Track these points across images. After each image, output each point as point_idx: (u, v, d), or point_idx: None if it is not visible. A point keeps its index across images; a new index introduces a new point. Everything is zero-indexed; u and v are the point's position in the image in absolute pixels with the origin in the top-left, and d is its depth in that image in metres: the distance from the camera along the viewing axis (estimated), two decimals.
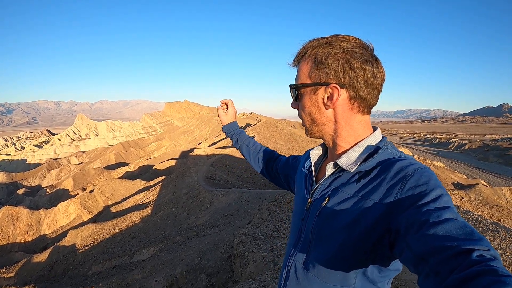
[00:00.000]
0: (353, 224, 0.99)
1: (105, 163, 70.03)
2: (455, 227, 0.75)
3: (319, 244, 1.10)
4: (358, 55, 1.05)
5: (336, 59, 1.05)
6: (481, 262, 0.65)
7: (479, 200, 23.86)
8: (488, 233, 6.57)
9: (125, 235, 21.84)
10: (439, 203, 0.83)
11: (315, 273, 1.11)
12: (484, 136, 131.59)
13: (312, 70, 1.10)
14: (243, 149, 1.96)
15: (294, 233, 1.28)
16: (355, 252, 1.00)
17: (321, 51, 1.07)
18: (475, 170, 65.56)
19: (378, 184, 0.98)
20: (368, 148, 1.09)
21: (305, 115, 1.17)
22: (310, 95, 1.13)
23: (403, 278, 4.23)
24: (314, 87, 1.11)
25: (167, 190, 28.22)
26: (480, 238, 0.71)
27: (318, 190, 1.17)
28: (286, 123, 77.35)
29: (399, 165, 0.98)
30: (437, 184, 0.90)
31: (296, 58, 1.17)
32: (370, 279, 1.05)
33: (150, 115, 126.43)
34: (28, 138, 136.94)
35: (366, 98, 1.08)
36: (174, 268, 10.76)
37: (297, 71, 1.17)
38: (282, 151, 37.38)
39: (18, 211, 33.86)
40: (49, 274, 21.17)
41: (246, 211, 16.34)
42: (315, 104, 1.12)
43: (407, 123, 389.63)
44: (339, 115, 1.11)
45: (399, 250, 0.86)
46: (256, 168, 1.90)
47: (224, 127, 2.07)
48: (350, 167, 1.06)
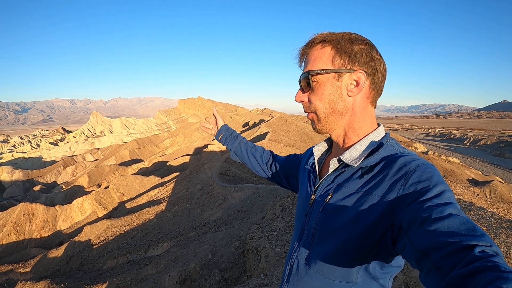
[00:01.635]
0: (356, 220, 1.00)
1: (120, 160, 70.43)
2: (458, 223, 0.75)
3: (322, 240, 1.11)
4: (375, 48, 1.11)
5: (360, 48, 1.08)
6: (483, 258, 0.65)
7: (494, 197, 23.42)
8: (501, 230, 6.46)
9: (139, 231, 22.05)
10: (442, 198, 0.84)
11: (316, 268, 1.12)
12: (500, 131, 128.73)
13: (335, 56, 1.10)
14: (241, 147, 1.87)
15: (297, 229, 1.30)
16: (357, 248, 1.01)
17: (344, 38, 1.09)
18: (490, 166, 64.27)
19: (381, 179, 0.99)
20: (371, 144, 1.10)
21: (323, 103, 1.14)
22: (332, 82, 1.11)
23: (414, 275, 4.23)
24: (337, 74, 1.10)
25: (181, 186, 28.35)
26: (482, 234, 0.72)
27: (321, 186, 1.18)
28: (300, 119, 76.67)
29: (402, 160, 0.99)
30: (440, 180, 0.90)
31: (310, 44, 1.15)
32: (372, 275, 1.06)
33: (164, 112, 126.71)
34: (43, 136, 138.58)
35: (381, 88, 1.14)
36: (187, 263, 10.84)
37: (312, 58, 1.14)
38: (297, 147, 37.19)
39: (34, 207, 34.30)
40: (64, 269, 21.47)
41: (259, 207, 16.36)
42: (338, 91, 1.11)
43: (422, 118, 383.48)
44: (358, 104, 1.12)
45: (402, 245, 0.87)
46: (253, 165, 1.84)
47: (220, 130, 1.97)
48: (354, 162, 1.07)
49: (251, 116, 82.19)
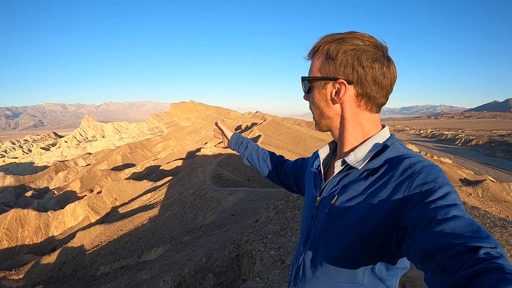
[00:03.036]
0: (361, 221, 1.00)
1: (112, 165, 70.21)
2: (462, 225, 0.76)
3: (328, 241, 1.11)
4: (369, 53, 1.05)
5: (346, 55, 1.06)
6: (488, 259, 0.66)
7: (486, 196, 23.67)
8: (495, 229, 6.53)
9: (132, 236, 21.95)
10: (447, 200, 0.84)
11: (323, 270, 1.12)
12: (491, 131, 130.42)
13: (323, 64, 1.11)
14: (252, 154, 1.94)
15: (303, 231, 1.30)
16: (363, 249, 1.01)
17: (333, 46, 1.08)
18: (482, 166, 65.06)
19: (386, 181, 0.99)
20: (376, 145, 1.09)
21: (315, 108, 1.19)
22: (319, 89, 1.14)
23: (410, 275, 4.23)
24: (323, 81, 1.12)
25: (174, 190, 28.30)
26: (487, 236, 0.72)
27: (327, 188, 1.18)
28: (292, 122, 77.14)
29: (407, 162, 0.98)
30: (445, 181, 0.90)
31: (311, 51, 1.18)
32: (378, 276, 1.06)
33: (156, 116, 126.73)
34: (35, 141, 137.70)
35: (374, 97, 1.09)
36: (182, 268, 10.81)
37: (311, 64, 1.18)
38: (289, 150, 37.32)
39: (26, 213, 34.00)
40: (57, 275, 21.31)
41: (253, 210, 16.37)
42: (324, 98, 1.14)
43: (414, 119, 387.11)
44: (347, 111, 1.12)
45: (407, 247, 0.87)
46: (264, 172, 1.89)
47: (231, 141, 2.06)
48: (358, 165, 1.07)
49: (243, 119, 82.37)
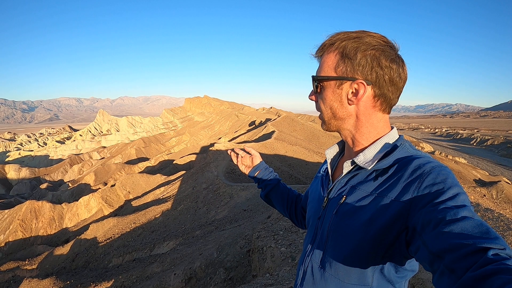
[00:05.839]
0: (370, 222, 1.00)
1: (126, 158, 70.91)
2: (472, 226, 0.75)
3: (336, 242, 1.10)
4: (387, 54, 1.04)
5: (365, 55, 1.04)
6: (497, 260, 0.65)
7: (501, 198, 23.28)
8: (509, 232, 6.43)
9: (145, 229, 22.14)
10: (456, 201, 0.84)
11: (332, 272, 1.11)
12: (507, 131, 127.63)
13: (339, 63, 1.08)
14: (277, 193, 1.73)
15: (310, 232, 1.29)
16: (372, 250, 1.00)
17: (350, 45, 1.05)
18: (497, 167, 63.80)
19: (395, 182, 0.98)
20: (385, 146, 1.09)
21: (326, 108, 1.15)
22: (333, 89, 1.11)
23: (421, 277, 4.22)
24: (339, 81, 1.09)
25: (187, 184, 28.39)
26: (496, 237, 0.71)
27: (335, 189, 1.17)
28: (306, 118, 76.49)
29: (417, 163, 0.98)
30: (454, 182, 0.90)
31: (320, 48, 1.14)
32: (387, 278, 1.05)
33: (170, 111, 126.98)
34: (50, 134, 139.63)
35: (390, 97, 1.08)
36: (193, 261, 10.87)
37: (321, 63, 1.14)
38: (303, 146, 37.08)
39: (41, 205, 34.53)
40: (70, 266, 21.61)
41: (265, 206, 16.34)
42: (338, 98, 1.11)
43: (429, 118, 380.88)
44: (361, 111, 1.10)
45: (415, 247, 0.87)
46: (279, 209, 1.76)
47: (256, 168, 1.79)
48: (367, 165, 1.07)
49: (257, 115, 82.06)
